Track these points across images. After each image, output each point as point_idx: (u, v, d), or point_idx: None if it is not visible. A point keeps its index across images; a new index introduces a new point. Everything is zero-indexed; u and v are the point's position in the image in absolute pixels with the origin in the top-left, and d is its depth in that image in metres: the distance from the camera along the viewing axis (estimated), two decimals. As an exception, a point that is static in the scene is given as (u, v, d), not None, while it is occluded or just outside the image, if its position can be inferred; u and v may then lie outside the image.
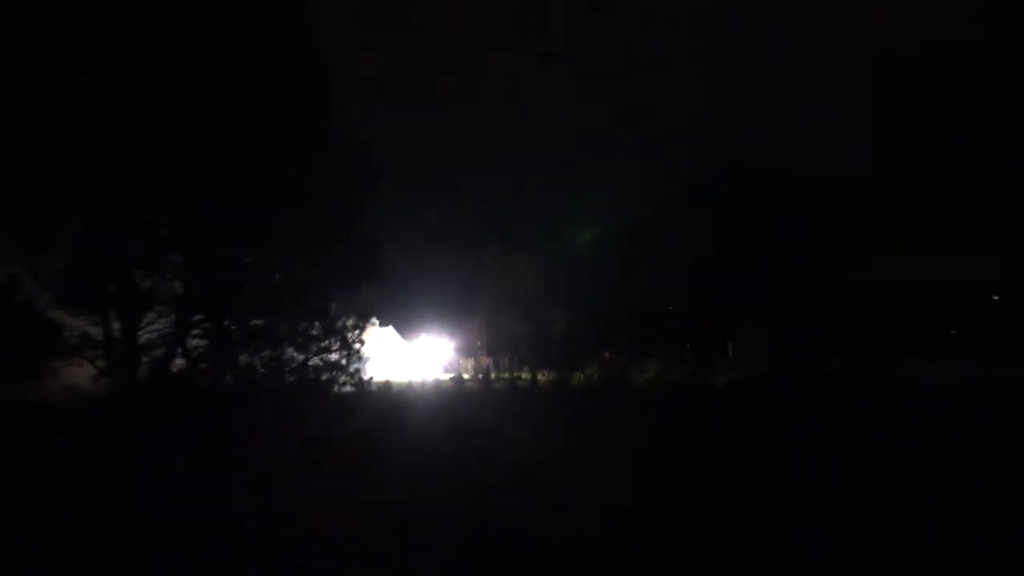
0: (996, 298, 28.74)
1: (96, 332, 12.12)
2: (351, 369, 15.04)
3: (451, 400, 23.86)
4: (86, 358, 12.13)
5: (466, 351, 32.31)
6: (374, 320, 16.59)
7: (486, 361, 30.45)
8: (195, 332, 13.18)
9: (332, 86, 14.58)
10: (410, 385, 27.26)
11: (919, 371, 23.32)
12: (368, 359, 15.83)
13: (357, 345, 15.14)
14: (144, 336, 12.59)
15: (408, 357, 31.84)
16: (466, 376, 29.64)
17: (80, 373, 12.16)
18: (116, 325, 12.28)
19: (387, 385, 23.91)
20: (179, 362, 12.98)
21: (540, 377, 27.37)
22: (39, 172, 11.54)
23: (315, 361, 14.44)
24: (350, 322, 15.19)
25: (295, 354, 14.12)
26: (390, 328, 35.13)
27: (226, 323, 13.37)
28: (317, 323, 14.35)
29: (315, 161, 13.74)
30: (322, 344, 14.35)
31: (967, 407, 17.73)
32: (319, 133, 14.17)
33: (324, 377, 14.53)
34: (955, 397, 19.55)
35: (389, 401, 20.32)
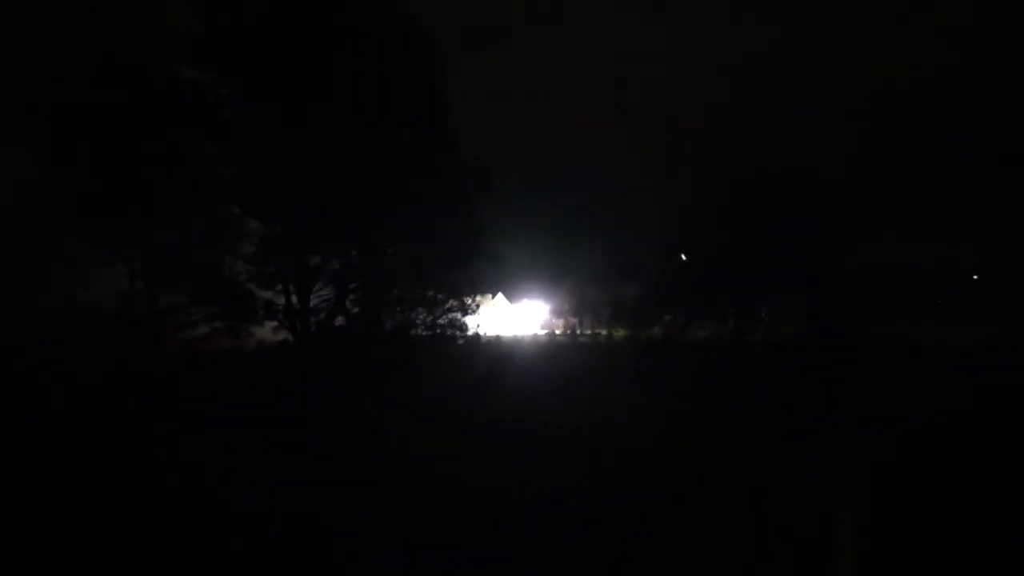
0: (976, 277, 27.32)
1: (278, 299, 12.21)
2: (469, 326, 14.76)
3: (546, 349, 23.66)
4: (272, 318, 12.25)
5: (557, 312, 31.91)
6: (485, 288, 16.25)
7: (573, 321, 29.97)
8: (351, 299, 13.09)
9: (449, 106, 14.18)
10: (515, 338, 27.05)
11: (908, 332, 22.40)
12: (482, 318, 15.51)
13: (473, 307, 14.84)
14: (313, 302, 12.59)
15: (513, 317, 31.66)
16: (557, 332, 29.42)
17: (264, 330, 12.33)
18: (293, 294, 12.35)
19: (497, 338, 23.65)
20: (340, 320, 12.95)
21: (614, 334, 26.84)
22: (236, 184, 11.70)
23: (441, 320, 14.20)
24: (467, 290, 14.90)
25: (426, 314, 13.92)
26: (500, 295, 35.31)
27: (373, 291, 13.26)
28: (442, 292, 14.10)
29: (437, 168, 13.38)
30: (446, 307, 14.09)
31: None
32: (441, 146, 13.81)
33: (448, 332, 14.30)
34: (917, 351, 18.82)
35: (499, 349, 20.14)
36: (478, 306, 14.83)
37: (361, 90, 12.21)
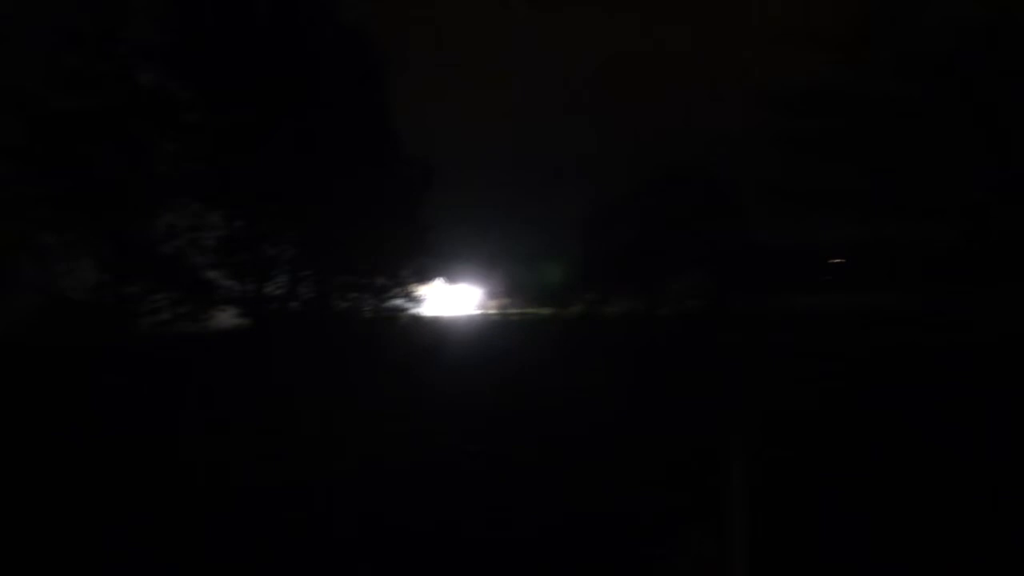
0: (838, 260, 29.53)
1: (237, 286, 12.20)
2: (411, 308, 15.06)
3: (479, 326, 24.10)
4: (232, 304, 12.25)
5: (491, 293, 32.34)
6: (427, 275, 16.53)
7: (504, 301, 30.44)
8: (304, 285, 13.18)
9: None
10: (453, 317, 27.32)
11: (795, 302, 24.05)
12: (423, 300, 15.82)
13: (415, 292, 15.14)
14: (269, 288, 12.64)
15: (451, 298, 31.88)
16: (490, 311, 29.87)
17: (225, 314, 12.32)
18: (251, 282, 12.36)
19: (436, 317, 23.91)
20: (294, 305, 13.03)
21: (540, 311, 27.48)
22: (199, 179, 11.60)
23: (387, 304, 14.46)
24: (411, 276, 15.16)
25: (373, 299, 14.15)
26: (439, 279, 35.44)
27: (326, 278, 13.39)
28: (388, 278, 14.34)
29: (386, 171, 13.58)
30: (391, 292, 14.35)
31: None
32: (389, 148, 13.97)
33: (393, 314, 14.58)
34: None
35: (438, 327, 20.42)
36: (420, 291, 15.16)
37: (314, 97, 12.25)
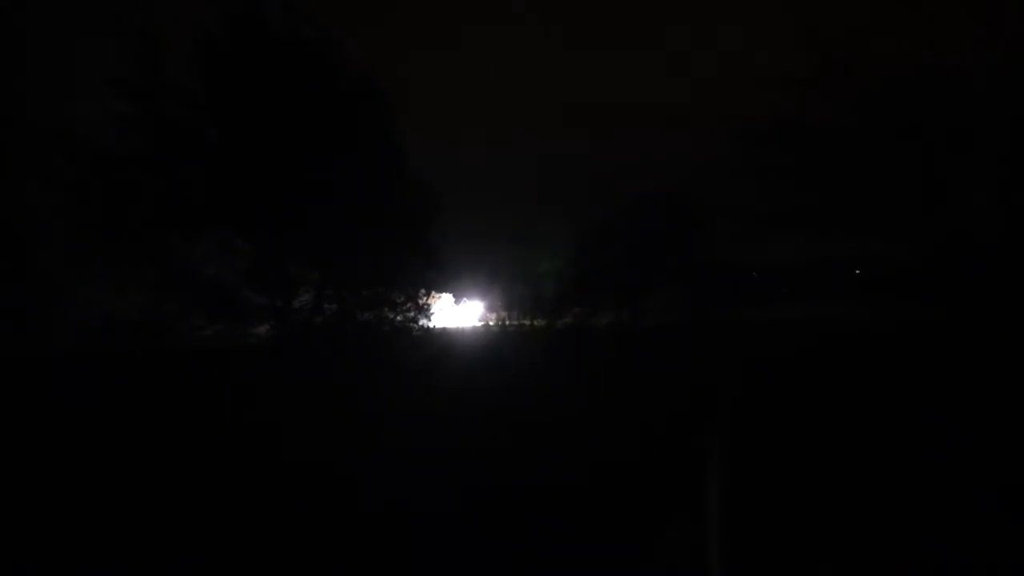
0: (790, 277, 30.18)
1: (268, 303, 12.43)
2: (422, 321, 15.27)
3: (481, 336, 24.42)
4: (264, 320, 12.48)
5: (491, 308, 32.63)
6: (436, 291, 16.76)
7: (503, 314, 30.74)
8: (328, 301, 13.41)
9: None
10: (459, 329, 27.57)
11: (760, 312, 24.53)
12: (433, 314, 16.05)
13: (426, 307, 15.36)
14: (296, 304, 12.85)
15: (456, 313, 32.18)
16: (490, 323, 30.21)
17: (259, 328, 12.56)
18: (280, 299, 12.58)
19: (444, 329, 24.14)
20: (318, 319, 13.24)
21: (535, 323, 27.79)
22: (233, 213, 11.85)
23: (400, 317, 14.67)
24: (422, 292, 15.36)
25: (388, 313, 14.36)
26: (445, 294, 35.76)
27: (346, 295, 13.61)
28: (402, 294, 14.57)
29: (399, 198, 13.86)
30: (405, 307, 14.58)
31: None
32: (400, 180, 14.21)
33: (406, 326, 14.78)
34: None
35: (446, 338, 20.70)
36: (430, 306, 15.38)
37: (333, 137, 12.55)
